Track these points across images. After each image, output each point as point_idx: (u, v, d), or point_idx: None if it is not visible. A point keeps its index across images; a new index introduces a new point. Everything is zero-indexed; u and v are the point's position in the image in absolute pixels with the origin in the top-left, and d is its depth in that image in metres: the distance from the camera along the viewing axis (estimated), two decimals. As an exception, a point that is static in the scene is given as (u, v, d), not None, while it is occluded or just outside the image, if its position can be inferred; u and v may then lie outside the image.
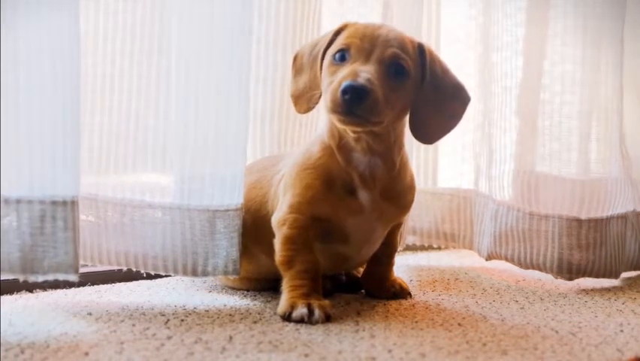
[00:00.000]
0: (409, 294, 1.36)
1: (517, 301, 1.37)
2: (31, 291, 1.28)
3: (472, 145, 1.74)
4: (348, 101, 1.10)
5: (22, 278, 1.06)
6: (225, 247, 1.24)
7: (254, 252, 1.30)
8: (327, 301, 1.18)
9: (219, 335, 1.06)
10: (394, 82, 1.16)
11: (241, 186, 1.26)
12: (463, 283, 1.52)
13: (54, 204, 1.06)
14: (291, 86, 1.28)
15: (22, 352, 0.95)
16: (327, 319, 1.15)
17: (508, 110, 1.61)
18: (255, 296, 1.32)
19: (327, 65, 1.19)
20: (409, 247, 1.85)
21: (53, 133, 1.06)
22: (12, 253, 1.04)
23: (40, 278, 1.06)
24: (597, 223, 1.54)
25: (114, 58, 1.23)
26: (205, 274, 1.25)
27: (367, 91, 1.10)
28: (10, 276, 1.07)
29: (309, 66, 1.25)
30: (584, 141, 1.61)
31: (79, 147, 1.09)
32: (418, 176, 1.72)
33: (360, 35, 1.17)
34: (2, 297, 1.23)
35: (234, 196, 1.25)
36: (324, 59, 1.21)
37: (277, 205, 1.25)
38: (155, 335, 1.05)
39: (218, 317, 1.16)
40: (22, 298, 1.24)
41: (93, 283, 1.36)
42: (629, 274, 1.66)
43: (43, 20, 1.04)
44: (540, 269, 1.55)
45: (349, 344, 1.03)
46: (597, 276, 1.54)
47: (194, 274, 1.24)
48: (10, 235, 1.04)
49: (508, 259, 1.59)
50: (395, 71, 1.16)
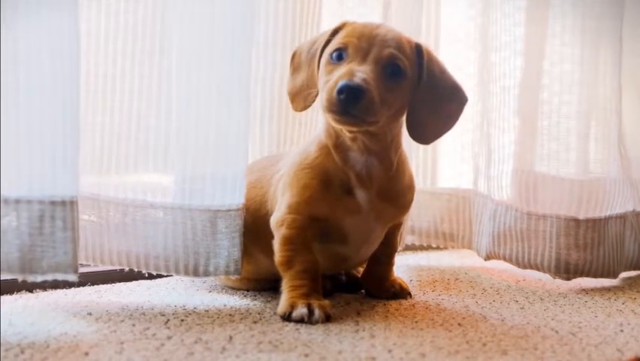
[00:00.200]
0: (409, 294, 1.36)
1: (517, 301, 1.37)
2: (31, 291, 1.27)
3: (470, 145, 1.74)
4: (344, 101, 1.10)
5: (20, 278, 1.05)
6: (227, 247, 1.24)
7: (253, 252, 1.29)
8: (327, 301, 1.18)
9: (219, 335, 1.06)
10: (391, 82, 1.16)
11: (242, 186, 1.26)
12: (463, 283, 1.52)
13: (53, 204, 1.06)
14: (289, 84, 1.28)
15: (22, 352, 0.94)
16: (327, 319, 1.15)
17: (506, 110, 1.61)
18: (255, 296, 1.32)
19: (324, 64, 1.19)
20: (408, 247, 1.85)
21: (53, 133, 1.06)
22: (11, 253, 1.04)
23: (39, 278, 1.06)
24: (595, 223, 1.54)
25: (115, 58, 1.23)
26: (207, 274, 1.25)
27: (363, 91, 1.10)
28: (9, 276, 1.07)
29: (307, 64, 1.25)
30: (583, 141, 1.61)
31: (78, 147, 1.09)
32: (417, 176, 1.72)
33: (358, 35, 1.17)
34: (2, 297, 1.23)
35: (235, 196, 1.25)
36: (322, 58, 1.21)
37: (276, 205, 1.25)
38: (155, 335, 1.05)
39: (218, 317, 1.16)
40: (22, 298, 1.24)
41: (93, 283, 1.36)
42: (628, 274, 1.66)
43: (43, 20, 1.04)
44: (538, 269, 1.55)
45: (349, 344, 1.03)
46: (595, 276, 1.54)
47: (196, 274, 1.24)
48: (9, 234, 1.04)
49: (506, 259, 1.59)
50: (392, 71, 1.16)
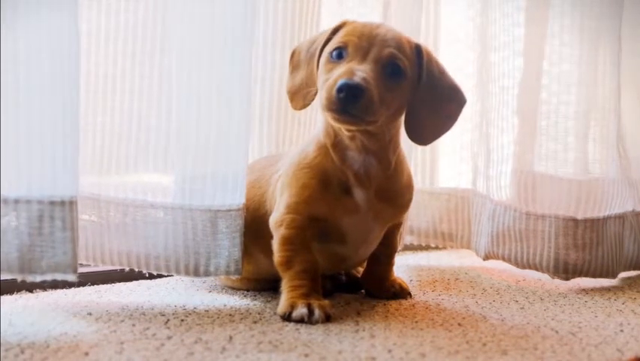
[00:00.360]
0: (409, 294, 1.36)
1: (517, 301, 1.37)
2: (31, 291, 1.27)
3: (469, 145, 1.74)
4: (343, 100, 1.09)
5: (20, 278, 1.05)
6: (227, 247, 1.24)
7: (253, 252, 1.29)
8: (327, 301, 1.18)
9: (219, 335, 1.06)
10: (390, 82, 1.15)
11: (243, 186, 1.26)
12: (463, 283, 1.52)
13: (52, 204, 1.06)
14: (288, 82, 1.28)
15: (22, 352, 0.94)
16: (327, 319, 1.15)
17: (505, 110, 1.61)
18: (255, 296, 1.32)
19: (323, 63, 1.19)
20: (408, 247, 1.85)
21: (53, 133, 1.06)
22: (10, 253, 1.04)
23: (39, 278, 1.05)
24: (593, 223, 1.54)
25: (116, 58, 1.23)
26: (207, 274, 1.25)
27: (362, 90, 1.09)
28: (8, 276, 1.07)
29: (307, 62, 1.24)
30: (582, 140, 1.61)
31: (78, 147, 1.09)
32: (416, 176, 1.71)
33: (358, 34, 1.17)
34: (2, 297, 1.23)
35: (236, 196, 1.25)
36: (322, 56, 1.21)
37: (275, 205, 1.25)
38: (155, 335, 1.05)
39: (218, 317, 1.16)
40: (22, 298, 1.24)
41: (93, 283, 1.36)
42: (628, 274, 1.67)
43: (42, 20, 1.04)
44: (537, 269, 1.55)
45: (349, 344, 1.03)
46: (594, 276, 1.54)
47: (197, 274, 1.24)
48: (9, 234, 1.04)
49: (505, 259, 1.59)
50: (391, 71, 1.16)
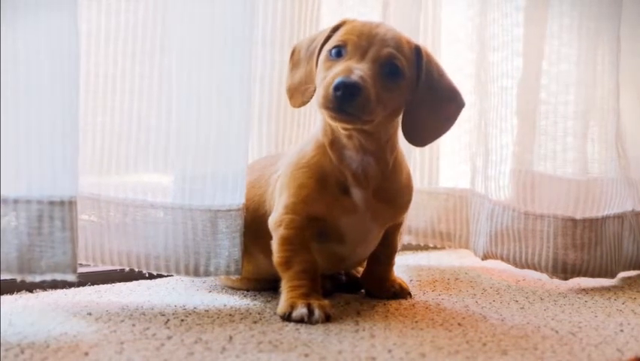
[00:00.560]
0: (409, 294, 1.36)
1: (517, 301, 1.37)
2: (31, 291, 1.27)
3: (469, 145, 1.74)
4: (340, 98, 1.09)
5: (19, 278, 1.05)
6: (227, 247, 1.24)
7: (253, 252, 1.29)
8: (326, 301, 1.18)
9: (219, 335, 1.06)
10: (388, 81, 1.15)
11: (243, 186, 1.26)
12: (463, 283, 1.52)
13: (52, 204, 1.06)
14: (287, 80, 1.28)
15: (22, 352, 0.94)
16: (327, 319, 1.15)
17: (505, 109, 1.60)
18: (255, 296, 1.32)
19: (322, 61, 1.19)
20: (409, 247, 1.85)
21: (52, 133, 1.06)
22: (10, 253, 1.04)
23: (38, 278, 1.05)
24: (592, 223, 1.54)
25: (116, 58, 1.23)
26: (207, 274, 1.24)
27: (359, 88, 1.09)
28: (7, 276, 1.07)
29: (306, 60, 1.24)
30: (581, 140, 1.61)
31: (77, 147, 1.09)
32: (415, 176, 1.71)
33: (358, 33, 1.17)
34: (2, 297, 1.23)
35: (236, 196, 1.25)
36: (321, 54, 1.21)
37: (274, 205, 1.25)
38: (155, 335, 1.05)
39: (218, 317, 1.16)
40: (22, 298, 1.24)
41: (93, 283, 1.36)
42: (628, 274, 1.67)
43: (42, 20, 1.04)
44: (535, 269, 1.55)
45: (349, 344, 1.03)
46: (592, 276, 1.54)
47: (197, 274, 1.24)
48: (8, 234, 1.04)
49: (503, 259, 1.59)
50: (390, 70, 1.16)
